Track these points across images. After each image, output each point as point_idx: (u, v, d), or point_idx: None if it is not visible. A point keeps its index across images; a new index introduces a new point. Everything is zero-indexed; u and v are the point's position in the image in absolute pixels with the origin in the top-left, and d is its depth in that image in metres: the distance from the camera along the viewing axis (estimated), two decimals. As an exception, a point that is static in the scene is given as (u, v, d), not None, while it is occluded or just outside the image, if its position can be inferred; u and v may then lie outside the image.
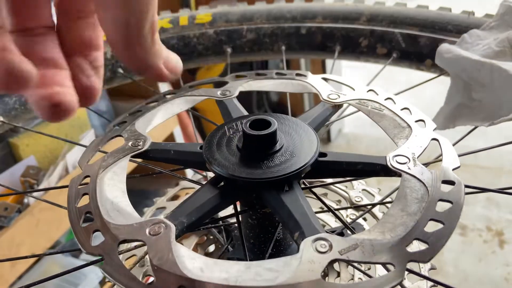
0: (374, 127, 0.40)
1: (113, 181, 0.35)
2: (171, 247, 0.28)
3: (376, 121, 0.41)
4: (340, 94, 0.44)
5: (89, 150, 0.40)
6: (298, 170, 0.33)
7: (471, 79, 0.61)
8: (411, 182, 0.33)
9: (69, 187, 0.35)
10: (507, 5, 0.66)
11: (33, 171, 0.96)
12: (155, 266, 0.27)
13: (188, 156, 0.38)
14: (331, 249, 0.28)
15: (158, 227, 0.30)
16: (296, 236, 0.30)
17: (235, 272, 0.27)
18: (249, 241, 0.42)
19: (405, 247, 0.28)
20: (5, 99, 0.65)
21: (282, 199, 0.32)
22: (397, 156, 0.35)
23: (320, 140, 0.37)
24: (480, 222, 1.77)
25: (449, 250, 1.58)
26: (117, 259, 0.29)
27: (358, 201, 0.53)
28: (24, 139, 1.00)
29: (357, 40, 0.74)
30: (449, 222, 0.29)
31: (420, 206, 0.31)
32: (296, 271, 0.26)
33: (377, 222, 0.30)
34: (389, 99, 0.43)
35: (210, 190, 0.34)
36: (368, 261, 0.27)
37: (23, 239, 0.87)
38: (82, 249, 0.30)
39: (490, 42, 0.65)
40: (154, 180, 0.96)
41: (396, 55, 0.72)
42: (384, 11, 0.74)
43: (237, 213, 0.38)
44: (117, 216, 0.32)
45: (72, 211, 0.33)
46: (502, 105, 0.56)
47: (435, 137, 0.37)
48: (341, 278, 0.44)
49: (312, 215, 0.31)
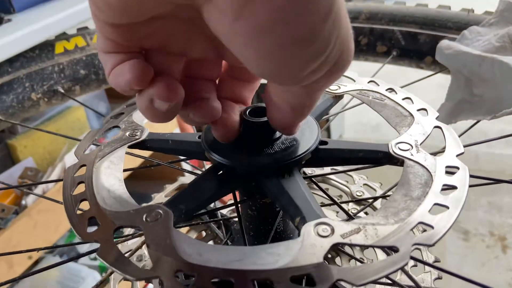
0: (375, 132, 0.39)
1: (110, 170, 0.35)
2: (169, 233, 0.28)
3: (377, 111, 0.41)
4: (341, 85, 0.44)
5: (85, 140, 0.39)
6: (298, 156, 0.33)
7: (472, 74, 0.60)
8: (414, 168, 0.32)
9: (65, 175, 0.35)
10: (506, 2, 0.66)
11: (31, 172, 0.95)
12: (152, 251, 0.27)
13: (187, 145, 0.38)
14: (333, 233, 0.27)
15: (156, 214, 0.29)
16: (297, 222, 0.29)
17: (234, 256, 0.26)
18: (249, 234, 0.41)
19: (409, 231, 0.27)
20: (2, 97, 0.64)
21: (282, 185, 0.32)
22: (400, 143, 0.35)
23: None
24: (482, 227, 1.76)
25: (451, 255, 1.57)
26: (113, 246, 0.28)
27: (359, 195, 0.52)
28: (22, 141, 0.99)
29: (356, 39, 0.74)
30: (454, 207, 0.29)
31: (424, 191, 0.30)
32: (297, 254, 0.26)
33: (380, 207, 0.29)
34: (390, 89, 0.43)
35: (209, 178, 0.34)
36: (371, 244, 0.26)
37: (20, 241, 0.86)
38: (77, 236, 0.29)
39: (490, 38, 0.64)
40: (154, 183, 0.96)
41: (396, 53, 0.72)
42: (383, 10, 0.73)
43: (237, 203, 0.37)
44: (113, 203, 0.31)
45: (68, 198, 0.32)
46: (504, 99, 0.55)
47: (438, 125, 0.37)
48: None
49: (313, 201, 0.30)
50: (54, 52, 0.69)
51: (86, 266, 1.16)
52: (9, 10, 0.76)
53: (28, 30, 0.67)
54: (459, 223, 1.73)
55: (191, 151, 0.38)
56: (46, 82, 0.68)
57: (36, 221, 0.90)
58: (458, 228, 1.70)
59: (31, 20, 0.70)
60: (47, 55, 0.69)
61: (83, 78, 0.71)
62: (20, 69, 0.66)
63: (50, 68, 0.68)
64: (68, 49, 0.70)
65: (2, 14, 0.72)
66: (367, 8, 0.74)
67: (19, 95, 0.66)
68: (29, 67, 0.67)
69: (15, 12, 0.77)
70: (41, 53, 0.68)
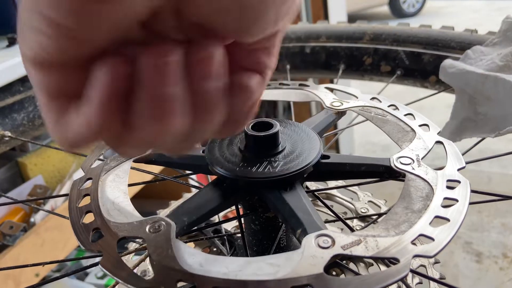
0: (385, 152, 0.39)
1: (115, 183, 0.35)
2: (171, 244, 0.28)
3: (379, 126, 0.41)
4: (343, 102, 0.45)
5: (92, 155, 0.40)
6: (300, 170, 0.33)
7: (475, 92, 0.61)
8: (416, 182, 0.32)
9: (71, 188, 0.35)
10: (509, 22, 0.67)
11: (40, 190, 0.97)
12: (153, 261, 0.27)
13: (191, 159, 0.38)
14: (334, 244, 0.27)
15: (158, 225, 0.30)
16: (298, 234, 0.29)
17: (235, 267, 0.26)
18: (252, 249, 0.41)
19: (410, 243, 0.27)
20: (13, 115, 0.66)
21: (284, 198, 0.32)
22: (401, 157, 0.35)
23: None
24: (495, 248, 1.72)
25: (465, 277, 1.53)
26: (116, 255, 0.28)
27: (364, 212, 0.52)
28: (32, 159, 1.01)
29: (361, 58, 0.75)
30: (454, 219, 0.29)
31: (425, 204, 0.30)
32: (297, 265, 0.26)
33: (381, 219, 0.30)
34: (393, 106, 0.43)
35: (212, 190, 0.34)
36: (372, 256, 0.26)
37: (27, 259, 0.86)
38: (81, 246, 0.30)
39: (493, 57, 0.65)
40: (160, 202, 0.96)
41: (400, 72, 0.72)
42: (387, 31, 0.75)
43: (240, 216, 0.37)
44: (117, 215, 0.31)
45: (73, 210, 0.33)
46: (508, 116, 0.55)
47: (439, 140, 0.37)
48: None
49: (314, 213, 0.30)
50: (65, 71, 0.71)
51: (93, 285, 1.15)
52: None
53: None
54: (472, 244, 1.70)
55: (196, 165, 0.39)
56: (57, 101, 0.69)
57: (44, 239, 0.90)
58: (471, 250, 1.67)
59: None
60: (59, 75, 0.70)
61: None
62: (32, 88, 0.68)
63: (61, 87, 0.70)
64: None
65: (15, 35, 0.75)
66: (371, 29, 0.75)
67: (30, 113, 0.68)
68: (41, 86, 0.69)
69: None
70: (53, 72, 0.70)
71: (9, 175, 1.00)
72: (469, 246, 1.69)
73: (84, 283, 1.14)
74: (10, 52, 0.69)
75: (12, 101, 0.66)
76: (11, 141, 0.67)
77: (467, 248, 1.68)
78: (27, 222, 0.92)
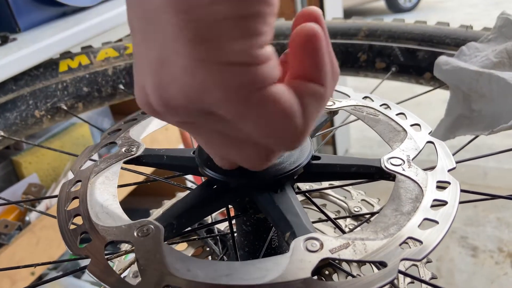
0: (381, 147, 0.39)
1: (105, 185, 0.35)
2: (159, 248, 0.28)
3: (371, 126, 0.41)
4: (335, 101, 0.44)
5: (82, 156, 0.40)
6: (290, 171, 0.33)
7: (470, 89, 0.60)
8: (405, 183, 0.32)
9: (60, 190, 0.35)
10: (504, 18, 0.67)
11: (35, 188, 0.96)
12: (141, 265, 0.27)
13: (182, 161, 0.38)
14: (322, 248, 0.27)
15: (147, 229, 0.30)
16: (287, 237, 0.29)
17: (223, 271, 0.26)
18: (244, 249, 0.41)
19: (398, 246, 0.27)
20: (6, 114, 0.66)
21: (273, 200, 0.32)
22: (392, 158, 0.35)
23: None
24: (491, 243, 1.73)
25: (460, 272, 1.54)
26: (103, 260, 0.28)
27: (357, 211, 0.52)
28: (27, 157, 1.01)
29: (355, 55, 0.75)
30: (443, 222, 0.28)
31: (414, 206, 0.30)
32: (285, 269, 0.26)
33: (370, 222, 0.29)
34: (385, 105, 0.43)
35: (201, 193, 0.34)
36: (360, 260, 0.26)
37: (23, 257, 0.86)
38: (69, 250, 0.29)
39: (488, 54, 0.65)
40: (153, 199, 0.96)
41: (395, 69, 0.72)
42: (382, 26, 0.74)
43: (230, 218, 0.37)
44: (106, 218, 0.31)
45: (61, 213, 0.32)
46: (502, 114, 0.55)
47: (431, 140, 0.37)
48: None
49: (304, 216, 0.30)
50: (58, 70, 0.71)
51: (89, 282, 1.15)
52: (15, 29, 0.78)
53: (33, 48, 0.69)
54: (467, 239, 1.71)
55: (186, 166, 0.38)
56: (50, 100, 0.69)
57: (39, 238, 0.90)
58: (466, 245, 1.68)
59: (36, 39, 0.72)
60: (51, 73, 0.70)
61: (86, 95, 0.72)
62: (24, 87, 0.68)
63: (53, 86, 0.69)
64: (72, 67, 0.72)
65: (8, 33, 0.74)
66: (366, 25, 0.75)
67: (23, 112, 0.67)
68: (33, 85, 0.68)
69: (21, 31, 0.79)
70: (45, 71, 0.70)
71: (3, 174, 1.00)
72: (464, 240, 1.69)
73: (80, 281, 1.14)
74: (3, 51, 0.69)
75: (5, 100, 0.66)
76: (4, 140, 0.67)
77: (462, 242, 1.68)
78: (22, 221, 0.92)
